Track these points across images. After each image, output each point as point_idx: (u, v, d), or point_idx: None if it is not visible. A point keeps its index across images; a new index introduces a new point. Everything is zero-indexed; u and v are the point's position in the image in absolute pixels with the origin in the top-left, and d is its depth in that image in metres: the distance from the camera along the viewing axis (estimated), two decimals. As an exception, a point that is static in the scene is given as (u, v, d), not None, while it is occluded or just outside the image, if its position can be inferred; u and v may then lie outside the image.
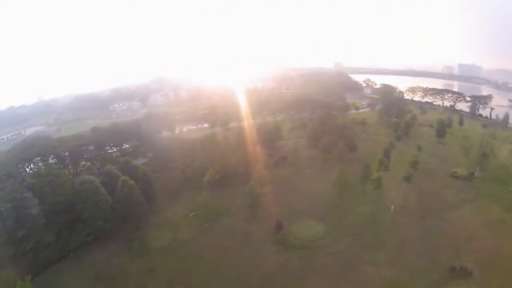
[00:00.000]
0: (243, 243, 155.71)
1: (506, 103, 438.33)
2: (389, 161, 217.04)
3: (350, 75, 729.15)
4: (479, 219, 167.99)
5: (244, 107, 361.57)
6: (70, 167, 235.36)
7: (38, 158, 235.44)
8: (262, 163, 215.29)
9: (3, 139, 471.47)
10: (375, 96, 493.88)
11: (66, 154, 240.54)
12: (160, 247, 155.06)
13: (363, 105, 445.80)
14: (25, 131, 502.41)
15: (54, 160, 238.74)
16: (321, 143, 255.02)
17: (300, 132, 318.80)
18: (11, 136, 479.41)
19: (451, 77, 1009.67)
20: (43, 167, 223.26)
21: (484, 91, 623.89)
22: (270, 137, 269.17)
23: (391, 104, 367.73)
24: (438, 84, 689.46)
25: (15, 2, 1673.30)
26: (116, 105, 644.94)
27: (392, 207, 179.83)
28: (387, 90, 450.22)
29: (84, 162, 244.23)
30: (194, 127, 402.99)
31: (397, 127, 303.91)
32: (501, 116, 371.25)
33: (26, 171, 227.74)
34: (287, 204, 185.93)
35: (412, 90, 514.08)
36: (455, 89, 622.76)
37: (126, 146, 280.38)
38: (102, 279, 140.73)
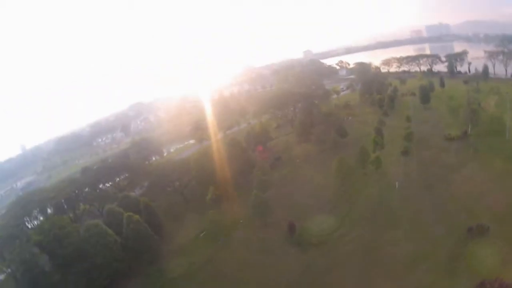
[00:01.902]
0: (260, 252, 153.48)
1: (481, 54, 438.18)
2: (383, 138, 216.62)
3: (321, 60, 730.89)
4: (483, 174, 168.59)
5: (226, 115, 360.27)
6: (69, 214, 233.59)
7: (37, 210, 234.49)
8: (258, 168, 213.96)
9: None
10: (352, 76, 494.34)
11: (63, 200, 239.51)
12: (180, 275, 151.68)
13: (342, 88, 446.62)
14: (16, 185, 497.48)
15: (52, 210, 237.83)
16: (312, 135, 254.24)
17: (287, 128, 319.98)
18: (4, 192, 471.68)
19: (421, 40, 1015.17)
20: (42, 218, 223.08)
21: (457, 47, 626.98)
22: (260, 140, 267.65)
23: (370, 81, 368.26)
24: (410, 50, 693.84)
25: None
26: (100, 140, 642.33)
27: (397, 183, 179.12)
28: (363, 68, 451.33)
29: (82, 206, 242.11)
30: (181, 145, 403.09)
31: (382, 102, 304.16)
32: (479, 69, 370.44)
33: (26, 226, 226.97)
34: (293, 204, 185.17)
35: (387, 62, 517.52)
36: (428, 52, 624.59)
37: (120, 179, 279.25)
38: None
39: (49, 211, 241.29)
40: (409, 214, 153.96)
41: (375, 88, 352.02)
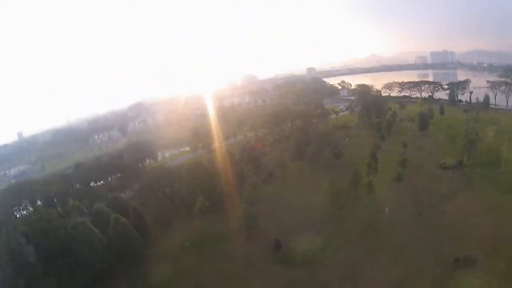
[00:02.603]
0: (244, 267, 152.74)
1: (484, 84, 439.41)
2: (377, 163, 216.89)
3: (324, 79, 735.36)
4: (475, 206, 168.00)
5: (223, 125, 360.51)
6: (58, 208, 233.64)
7: (27, 201, 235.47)
8: (250, 182, 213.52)
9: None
10: (352, 97, 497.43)
11: (53, 194, 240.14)
12: (162, 281, 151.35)
13: (342, 108, 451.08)
14: (9, 172, 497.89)
15: (41, 202, 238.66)
16: (307, 154, 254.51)
17: (283, 145, 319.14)
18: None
19: (425, 66, 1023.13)
20: (31, 209, 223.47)
21: (460, 75, 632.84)
22: (254, 154, 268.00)
23: (370, 104, 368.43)
24: (413, 76, 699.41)
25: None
26: (96, 137, 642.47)
27: (387, 208, 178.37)
28: (364, 90, 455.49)
29: (72, 202, 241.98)
30: (176, 151, 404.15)
31: (379, 126, 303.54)
32: (481, 98, 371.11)
33: (15, 215, 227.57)
34: (282, 221, 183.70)
35: (389, 86, 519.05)
36: (431, 78, 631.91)
37: (112, 179, 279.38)
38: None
39: (39, 202, 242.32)
40: (396, 240, 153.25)
41: (374, 111, 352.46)
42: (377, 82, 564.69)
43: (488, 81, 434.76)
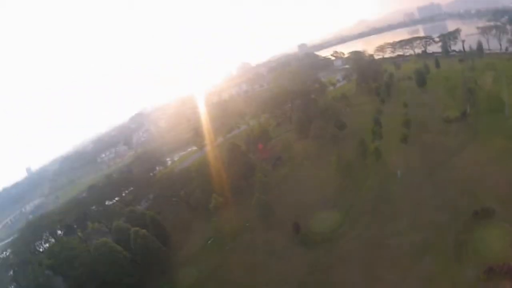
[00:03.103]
0: (267, 254, 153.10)
1: (474, 31, 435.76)
2: (381, 127, 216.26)
3: (316, 52, 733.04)
4: (484, 155, 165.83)
5: (225, 118, 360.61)
6: (79, 233, 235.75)
7: (47, 233, 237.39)
8: (259, 170, 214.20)
9: (6, 223, 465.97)
10: (347, 66, 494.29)
11: (72, 221, 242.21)
12: (190, 284, 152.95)
13: (338, 79, 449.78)
14: (25, 209, 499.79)
15: (62, 231, 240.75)
16: (310, 132, 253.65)
17: (286, 126, 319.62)
18: (14, 217, 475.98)
19: (414, 22, 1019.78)
20: (53, 240, 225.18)
21: (450, 25, 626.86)
22: (259, 141, 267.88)
23: (365, 70, 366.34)
24: (404, 34, 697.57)
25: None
26: (103, 155, 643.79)
27: (399, 172, 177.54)
28: (358, 57, 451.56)
29: (91, 224, 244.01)
30: (185, 152, 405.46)
31: (378, 90, 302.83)
32: (474, 46, 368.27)
33: (38, 250, 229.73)
34: (296, 203, 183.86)
35: (381, 48, 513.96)
36: (421, 33, 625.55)
37: (125, 193, 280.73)
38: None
39: (59, 232, 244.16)
40: (412, 203, 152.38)
41: (370, 76, 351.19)
42: (369, 46, 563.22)
43: (478, 28, 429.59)
